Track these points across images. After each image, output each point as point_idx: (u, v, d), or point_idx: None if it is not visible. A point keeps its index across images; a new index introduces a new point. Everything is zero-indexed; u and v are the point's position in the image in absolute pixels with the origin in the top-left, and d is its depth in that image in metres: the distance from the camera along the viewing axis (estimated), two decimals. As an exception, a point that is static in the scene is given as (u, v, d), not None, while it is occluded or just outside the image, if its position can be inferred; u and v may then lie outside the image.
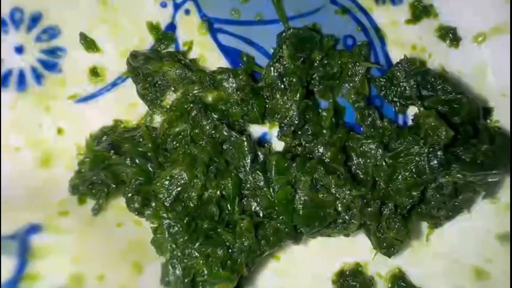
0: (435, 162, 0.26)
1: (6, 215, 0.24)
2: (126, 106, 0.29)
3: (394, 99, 0.30)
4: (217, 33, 0.30)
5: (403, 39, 0.30)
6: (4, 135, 0.27)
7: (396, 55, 0.30)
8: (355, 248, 0.29)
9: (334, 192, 0.27)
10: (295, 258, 0.29)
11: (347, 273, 0.29)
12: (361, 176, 0.28)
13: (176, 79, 0.28)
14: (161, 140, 0.27)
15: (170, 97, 0.29)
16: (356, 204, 0.27)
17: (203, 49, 0.29)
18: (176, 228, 0.24)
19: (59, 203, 0.25)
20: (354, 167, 0.28)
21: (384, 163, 0.27)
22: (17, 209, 0.24)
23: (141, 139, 0.27)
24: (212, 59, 0.30)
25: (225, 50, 0.30)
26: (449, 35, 0.30)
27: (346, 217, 0.27)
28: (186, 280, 0.23)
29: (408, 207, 0.28)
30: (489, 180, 0.28)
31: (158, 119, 0.29)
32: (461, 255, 0.28)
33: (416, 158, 0.27)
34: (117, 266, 0.23)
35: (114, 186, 0.26)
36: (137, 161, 0.26)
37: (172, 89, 0.29)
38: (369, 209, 0.27)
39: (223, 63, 0.30)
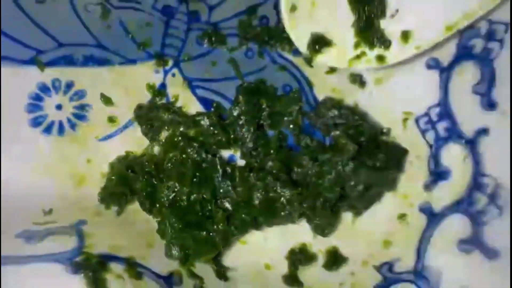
0: (347, 168, 0.34)
1: (62, 214, 0.32)
2: (134, 141, 0.36)
3: (320, 127, 0.37)
4: (195, 89, 0.37)
5: (326, 84, 0.37)
6: (50, 164, 0.34)
7: (320, 96, 0.37)
8: (301, 232, 0.36)
9: (279, 192, 0.34)
10: (257, 242, 0.35)
11: (297, 251, 0.35)
12: (299, 180, 0.35)
13: (168, 122, 0.36)
14: (160, 162, 0.35)
15: (164, 134, 0.36)
16: (294, 200, 0.34)
17: (185, 100, 0.37)
18: (173, 220, 0.32)
19: (93, 208, 0.33)
20: (294, 175, 0.35)
21: (314, 170, 0.34)
22: (67, 212, 0.32)
23: (146, 163, 0.35)
24: (192, 106, 0.37)
25: (201, 100, 0.37)
26: (357, 80, 0.37)
27: (290, 209, 0.34)
28: (182, 253, 0.32)
29: (334, 201, 0.34)
30: (388, 177, 0.35)
31: (157, 149, 0.36)
32: (373, 232, 0.35)
33: (335, 166, 0.34)
34: (136, 243, 0.32)
35: (130, 195, 0.34)
36: (145, 177, 0.34)
37: (166, 128, 0.36)
38: (305, 204, 0.34)
39: (200, 108, 0.37)
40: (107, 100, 0.36)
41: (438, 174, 0.34)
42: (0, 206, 0.31)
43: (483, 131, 0.32)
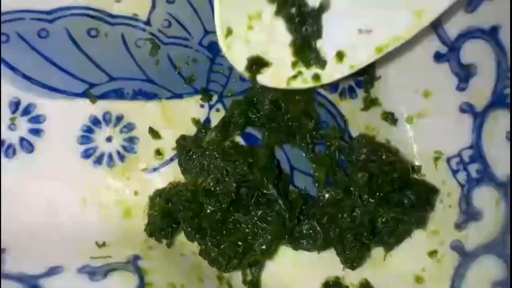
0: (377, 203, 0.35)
1: (115, 248, 0.32)
2: (180, 174, 0.37)
3: (355, 162, 0.38)
4: None
5: (359, 121, 0.39)
6: (98, 195, 0.35)
7: (354, 133, 0.39)
8: (336, 265, 0.36)
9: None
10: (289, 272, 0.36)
11: (330, 283, 0.37)
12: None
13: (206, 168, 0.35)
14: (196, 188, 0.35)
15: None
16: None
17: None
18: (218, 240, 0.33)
19: (144, 241, 0.34)
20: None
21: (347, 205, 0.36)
22: (119, 245, 0.33)
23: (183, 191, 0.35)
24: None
25: (245, 135, 0.39)
26: (389, 117, 0.39)
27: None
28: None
29: (364, 236, 0.35)
30: (418, 215, 0.36)
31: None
32: (404, 267, 0.37)
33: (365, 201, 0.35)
34: (189, 278, 0.32)
35: (174, 226, 0.34)
36: (184, 205, 0.34)
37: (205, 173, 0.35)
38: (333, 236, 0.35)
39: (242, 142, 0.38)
40: (155, 134, 0.37)
41: (469, 214, 0.35)
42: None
43: (517, 176, 0.33)
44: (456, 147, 0.36)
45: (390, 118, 0.39)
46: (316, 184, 0.38)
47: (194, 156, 0.36)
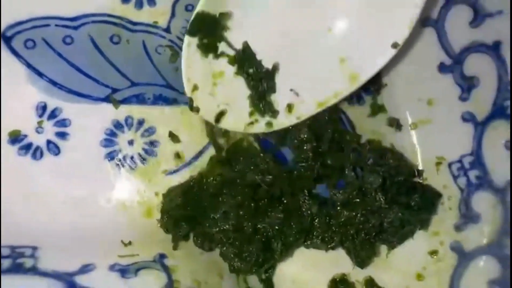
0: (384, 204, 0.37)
1: (140, 246, 0.34)
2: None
3: (363, 166, 0.39)
4: None
5: (365, 127, 0.41)
6: (121, 196, 0.37)
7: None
8: (341, 263, 0.38)
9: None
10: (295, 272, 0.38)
11: (337, 280, 0.38)
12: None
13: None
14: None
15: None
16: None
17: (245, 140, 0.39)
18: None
19: (167, 240, 0.35)
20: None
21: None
22: (143, 244, 0.34)
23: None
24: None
25: (261, 141, 0.40)
26: (395, 123, 0.40)
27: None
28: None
29: (373, 235, 0.38)
30: (422, 217, 0.39)
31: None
32: (406, 265, 0.38)
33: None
34: (211, 275, 0.34)
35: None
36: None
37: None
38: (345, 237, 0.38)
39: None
40: (174, 138, 0.38)
41: (468, 217, 0.37)
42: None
43: (514, 183, 0.35)
44: (457, 154, 0.38)
45: (395, 124, 0.41)
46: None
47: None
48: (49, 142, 0.37)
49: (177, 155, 0.39)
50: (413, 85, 0.40)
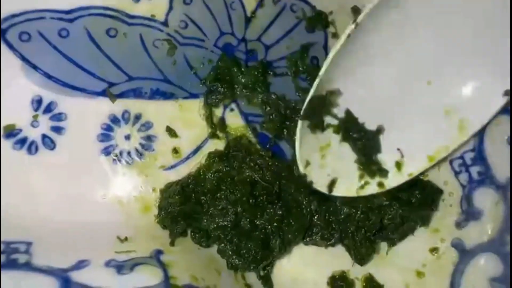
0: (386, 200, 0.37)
1: (137, 242, 0.33)
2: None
3: None
4: (252, 123, 0.40)
5: None
6: (118, 192, 0.36)
7: None
8: (341, 260, 0.39)
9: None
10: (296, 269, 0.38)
11: (337, 277, 0.38)
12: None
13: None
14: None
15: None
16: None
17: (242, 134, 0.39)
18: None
19: (164, 236, 0.35)
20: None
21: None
22: (140, 240, 0.34)
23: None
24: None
25: (259, 135, 0.40)
26: None
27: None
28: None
29: (373, 232, 0.37)
30: (423, 214, 0.38)
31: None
32: (406, 262, 0.38)
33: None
34: (208, 271, 0.34)
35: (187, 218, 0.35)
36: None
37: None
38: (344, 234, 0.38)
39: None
40: (171, 132, 0.38)
41: (470, 214, 0.37)
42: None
43: (516, 179, 0.35)
44: (459, 150, 0.38)
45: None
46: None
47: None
48: (44, 136, 0.36)
49: (175, 150, 0.38)
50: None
